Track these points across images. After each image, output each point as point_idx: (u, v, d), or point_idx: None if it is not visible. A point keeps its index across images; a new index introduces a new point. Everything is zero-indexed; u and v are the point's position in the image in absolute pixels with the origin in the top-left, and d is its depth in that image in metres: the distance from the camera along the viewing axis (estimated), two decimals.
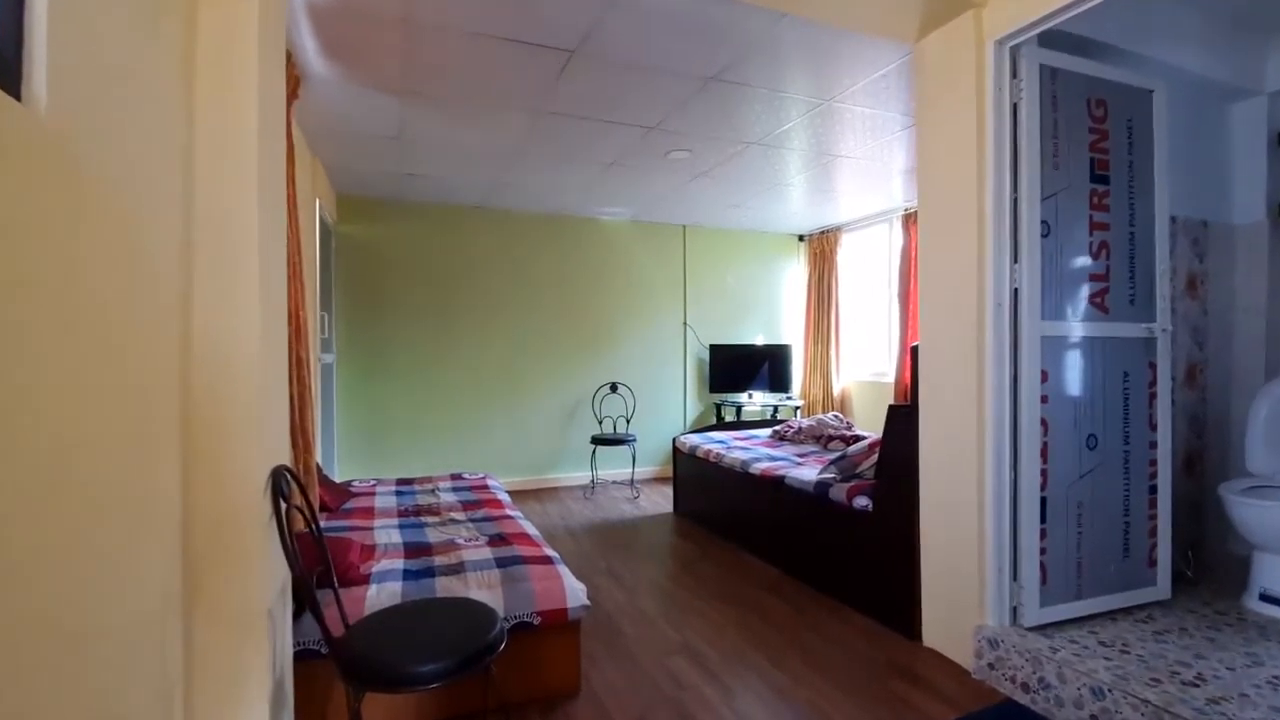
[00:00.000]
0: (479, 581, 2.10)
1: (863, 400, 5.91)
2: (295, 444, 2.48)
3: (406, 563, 2.28)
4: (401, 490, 3.53)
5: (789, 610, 2.90)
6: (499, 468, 5.38)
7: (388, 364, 5.11)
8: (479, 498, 3.35)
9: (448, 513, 3.05)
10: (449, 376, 5.29)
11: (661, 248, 6.07)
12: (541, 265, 5.60)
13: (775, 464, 3.70)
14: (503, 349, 5.47)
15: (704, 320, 6.25)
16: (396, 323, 5.14)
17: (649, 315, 6.04)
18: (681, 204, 5.41)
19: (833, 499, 3.05)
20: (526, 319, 5.55)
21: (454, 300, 5.31)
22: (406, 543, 2.52)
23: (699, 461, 4.36)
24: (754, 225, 6.27)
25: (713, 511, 4.20)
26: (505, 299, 5.48)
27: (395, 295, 5.14)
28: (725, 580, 3.28)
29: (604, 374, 5.81)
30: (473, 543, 2.52)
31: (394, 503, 3.24)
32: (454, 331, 5.31)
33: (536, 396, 5.58)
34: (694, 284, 6.20)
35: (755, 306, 6.51)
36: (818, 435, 4.33)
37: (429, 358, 5.23)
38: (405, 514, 3.03)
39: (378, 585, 2.06)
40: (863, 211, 5.73)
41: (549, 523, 4.42)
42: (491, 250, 5.44)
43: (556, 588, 2.14)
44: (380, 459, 5.07)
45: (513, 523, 2.84)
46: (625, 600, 3.03)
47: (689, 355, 6.21)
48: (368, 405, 5.05)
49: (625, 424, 5.74)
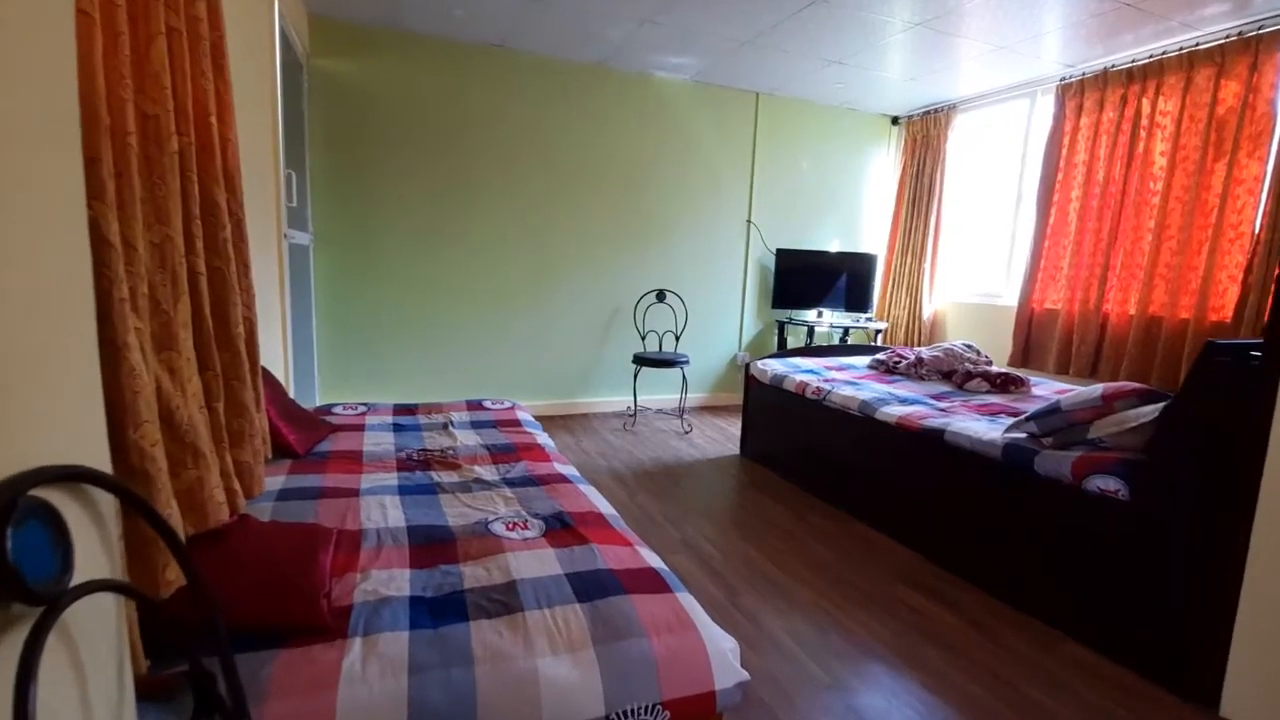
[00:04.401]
0: (551, 639, 1.12)
1: (962, 327, 4.86)
2: (222, 355, 1.43)
3: (416, 577, 1.30)
4: (401, 423, 2.53)
5: (965, 628, 1.98)
6: (519, 389, 4.39)
7: (381, 251, 3.99)
8: (511, 440, 2.35)
9: (469, 465, 2.06)
10: (460, 271, 4.18)
11: (728, 121, 4.80)
12: (577, 132, 4.35)
13: (916, 409, 2.70)
14: (526, 239, 4.32)
15: (772, 218, 5.07)
16: (393, 198, 3.97)
17: (707, 207, 4.85)
18: (760, 59, 4.11)
19: (1040, 472, 2.07)
20: (557, 202, 4.37)
21: (467, 172, 4.11)
22: (413, 528, 1.53)
23: (786, 396, 3.36)
24: (843, 100, 4.96)
25: (805, 462, 3.24)
26: (531, 174, 4.27)
27: (392, 161, 3.94)
28: (854, 570, 2.35)
29: (650, 279, 4.70)
30: (520, 531, 1.53)
31: (390, 444, 2.24)
32: (466, 214, 4.15)
33: (567, 302, 4.50)
34: (763, 171, 4.97)
35: (833, 205, 5.31)
36: (947, 370, 3.31)
37: (434, 246, 4.10)
38: (408, 465, 2.03)
39: (364, 641, 1.07)
40: (989, 83, 4.44)
41: (588, 463, 3.47)
42: (516, 108, 4.17)
43: (690, 649, 1.16)
44: (371, 377, 4.05)
45: (573, 490, 1.85)
46: (722, 596, 2.11)
47: (750, 261, 5.08)
48: (356, 305, 3.97)
49: (674, 341, 4.70)
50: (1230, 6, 3.12)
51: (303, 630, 1.07)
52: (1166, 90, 3.57)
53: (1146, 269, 3.63)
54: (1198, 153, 3.42)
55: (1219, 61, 3.32)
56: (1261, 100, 3.17)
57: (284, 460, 1.97)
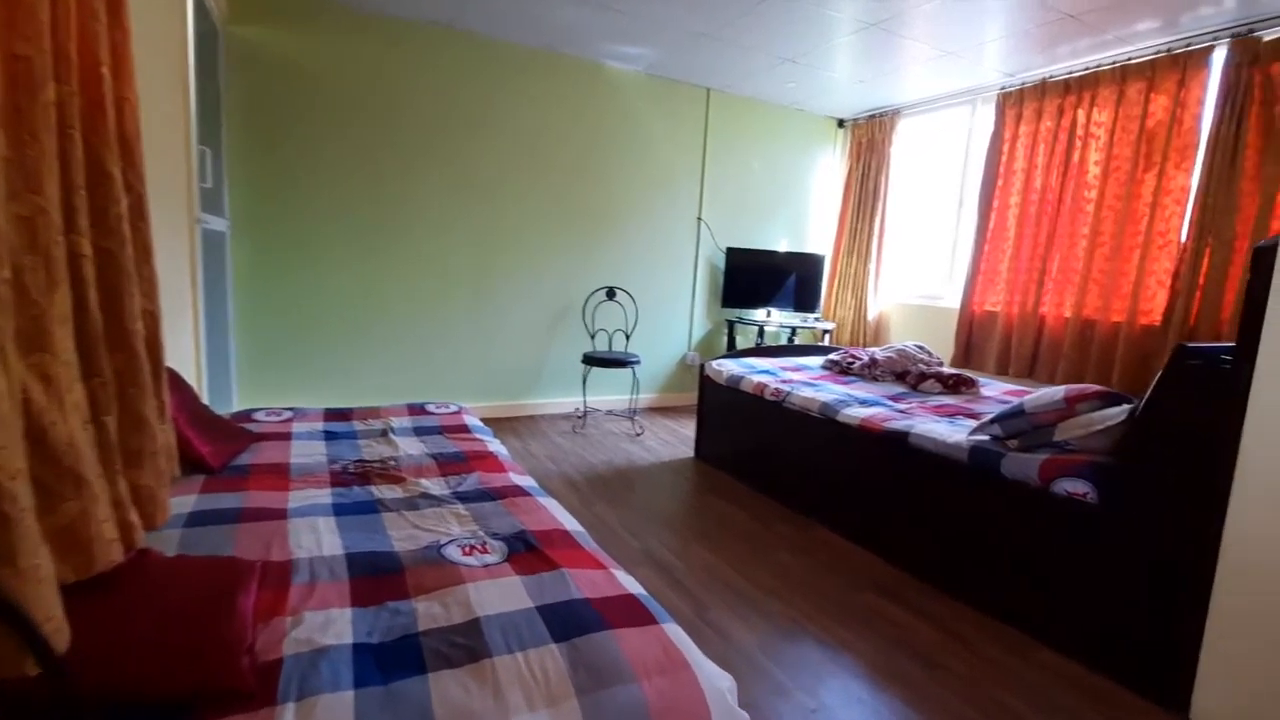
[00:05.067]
0: (527, 691, 0.96)
1: (906, 328, 4.94)
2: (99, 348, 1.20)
3: (359, 618, 1.10)
4: (334, 431, 2.28)
5: (941, 638, 1.94)
6: (462, 391, 4.14)
7: (310, 241, 3.66)
8: (460, 448, 2.15)
9: (415, 477, 1.85)
10: (398, 264, 3.90)
11: (679, 115, 4.70)
12: (526, 121, 4.15)
13: (877, 411, 2.66)
14: (471, 232, 4.08)
15: (722, 216, 5.01)
16: (324, 183, 3.65)
17: (658, 204, 4.74)
18: (716, 54, 4.04)
19: (1007, 475, 2.05)
20: (504, 193, 4.15)
21: (407, 159, 3.83)
22: (354, 556, 1.33)
23: (743, 397, 3.28)
24: (792, 100, 4.96)
25: (764, 465, 3.17)
26: (477, 163, 4.03)
27: (324, 143, 3.62)
28: (822, 578, 2.29)
29: (600, 275, 4.55)
30: (479, 555, 1.36)
31: (322, 455, 2.00)
32: (406, 203, 3.87)
33: (514, 298, 4.29)
34: (714, 169, 4.90)
35: (781, 205, 5.31)
36: (900, 371, 3.31)
37: (370, 236, 3.80)
38: (344, 478, 1.81)
39: (298, 708, 0.88)
40: (933, 90, 4.53)
41: (539, 469, 3.29)
42: (461, 93, 3.93)
43: (686, 692, 1.02)
44: (298, 379, 3.71)
45: (533, 505, 1.68)
46: (690, 611, 1.99)
47: (700, 259, 5.01)
48: (280, 299, 3.62)
49: (625, 340, 4.56)
50: (1160, 24, 3.25)
51: (219, 697, 0.87)
52: (1100, 102, 3.72)
53: (1081, 273, 3.77)
54: (1129, 163, 3.56)
55: (1149, 76, 3.47)
56: (1188, 115, 3.33)
57: (195, 477, 1.71)
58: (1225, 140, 3.15)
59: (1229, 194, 3.14)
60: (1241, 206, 3.12)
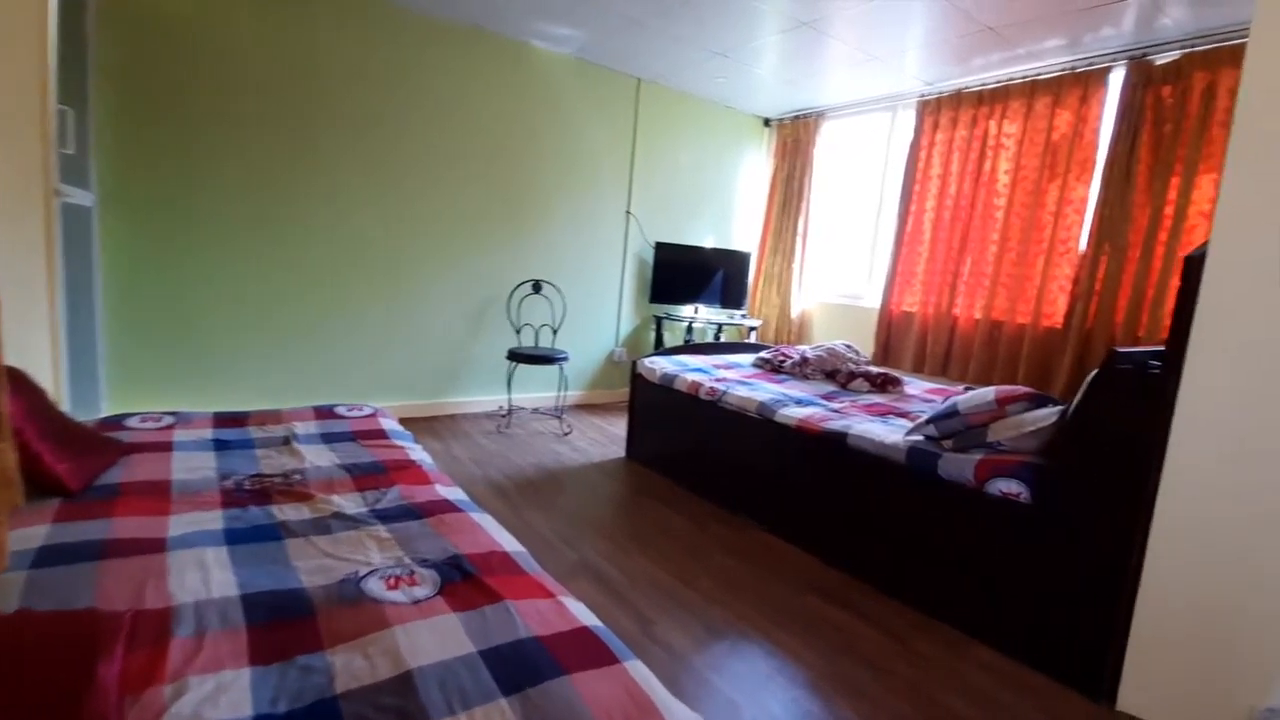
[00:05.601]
0: None
1: (828, 326, 5.05)
2: None
3: (260, 680, 0.91)
4: (225, 439, 1.99)
5: (882, 640, 1.93)
6: (375, 390, 3.84)
7: (197, 218, 3.24)
8: (378, 458, 1.93)
9: (325, 494, 1.63)
10: (303, 248, 3.54)
11: (609, 105, 4.56)
12: (448, 100, 3.88)
13: (813, 411, 2.66)
14: (386, 216, 3.77)
15: (650, 210, 4.93)
16: (217, 154, 3.24)
17: (587, 194, 4.59)
18: (647, 42, 3.94)
19: (944, 475, 2.08)
20: (422, 177, 3.86)
21: (315, 134, 3.48)
22: (251, 597, 1.12)
23: (677, 396, 3.21)
24: (721, 97, 4.94)
25: (700, 466, 3.11)
26: (391, 145, 3.73)
27: (217, 110, 3.21)
28: (765, 583, 2.24)
29: (525, 268, 4.34)
30: (406, 589, 1.18)
31: (211, 469, 1.73)
32: (314, 182, 3.51)
33: (433, 290, 4.01)
34: (643, 161, 4.81)
35: (708, 202, 5.29)
36: (831, 370, 3.35)
37: (271, 217, 3.42)
38: (238, 498, 1.56)
39: None
40: (856, 93, 4.64)
41: (463, 473, 3.08)
42: (376, 67, 3.61)
43: None
44: (181, 378, 3.29)
45: (466, 523, 1.51)
46: (634, 628, 1.88)
47: (629, 254, 4.90)
48: (159, 285, 3.19)
49: (552, 335, 4.38)
50: (1066, 41, 3.45)
51: None
52: (1011, 114, 3.91)
53: (991, 277, 3.96)
54: (1035, 174, 3.77)
55: (1055, 92, 3.68)
56: (1089, 129, 3.55)
57: (48, 502, 1.42)
58: (1121, 156, 3.38)
59: (1123, 206, 3.38)
60: (1134, 217, 3.36)
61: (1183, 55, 3.20)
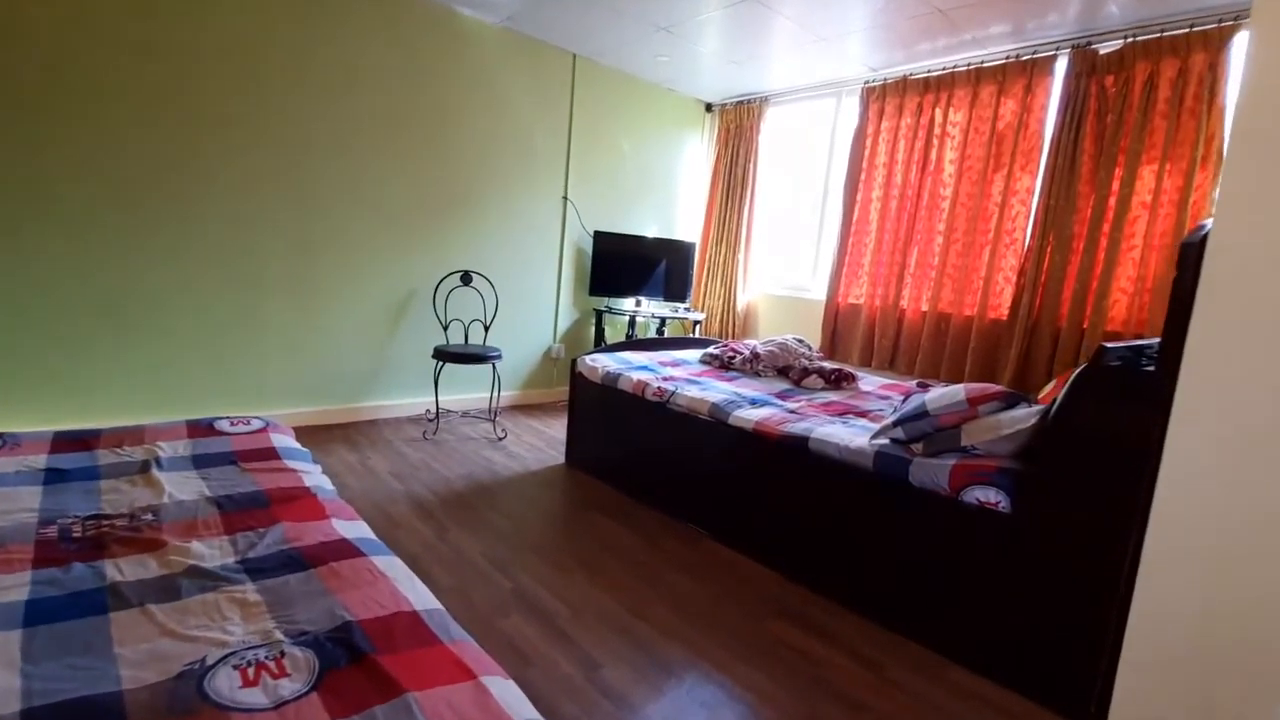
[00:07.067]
0: None
1: (774, 319, 4.91)
2: None
3: None
4: (62, 467, 1.58)
5: (853, 667, 1.74)
6: (280, 395, 3.40)
7: (42, 188, 2.72)
8: (260, 486, 1.58)
9: (181, 540, 1.28)
10: (186, 229, 3.05)
11: (543, 81, 4.23)
12: (363, 71, 3.45)
13: (770, 412, 2.45)
14: (289, 196, 3.32)
15: (589, 197, 4.63)
16: (70, 111, 2.72)
17: (521, 178, 4.24)
18: (583, 11, 3.63)
19: (915, 483, 1.91)
20: (333, 155, 3.43)
21: (204, 99, 2.99)
22: (38, 712, 0.78)
23: (621, 397, 2.95)
24: (662, 78, 4.69)
25: (648, 474, 2.86)
26: (299, 116, 3.28)
27: (72, 58, 2.68)
28: (724, 607, 2.02)
29: (453, 258, 3.97)
30: (269, 681, 0.87)
31: (31, 510, 1.35)
32: (201, 153, 3.03)
33: (347, 281, 3.59)
34: (581, 144, 4.50)
35: (650, 189, 5.04)
36: (783, 366, 3.16)
37: (144, 190, 2.92)
38: (59, 552, 1.19)
39: None
40: (801, 79, 4.49)
41: (380, 489, 2.72)
42: (276, 29, 3.15)
43: None
44: (19, 387, 2.77)
45: (367, 572, 1.20)
46: (577, 672, 1.61)
47: (566, 243, 4.59)
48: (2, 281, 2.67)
49: (483, 331, 4.03)
50: (1010, 28, 3.38)
51: None
52: (956, 102, 3.84)
53: (938, 269, 3.89)
54: (981, 163, 3.71)
55: (1000, 80, 3.62)
56: (1034, 119, 3.51)
57: None
58: (1065, 145, 3.34)
59: (1068, 196, 3.34)
60: (1079, 208, 3.33)
61: (1125, 45, 3.17)
